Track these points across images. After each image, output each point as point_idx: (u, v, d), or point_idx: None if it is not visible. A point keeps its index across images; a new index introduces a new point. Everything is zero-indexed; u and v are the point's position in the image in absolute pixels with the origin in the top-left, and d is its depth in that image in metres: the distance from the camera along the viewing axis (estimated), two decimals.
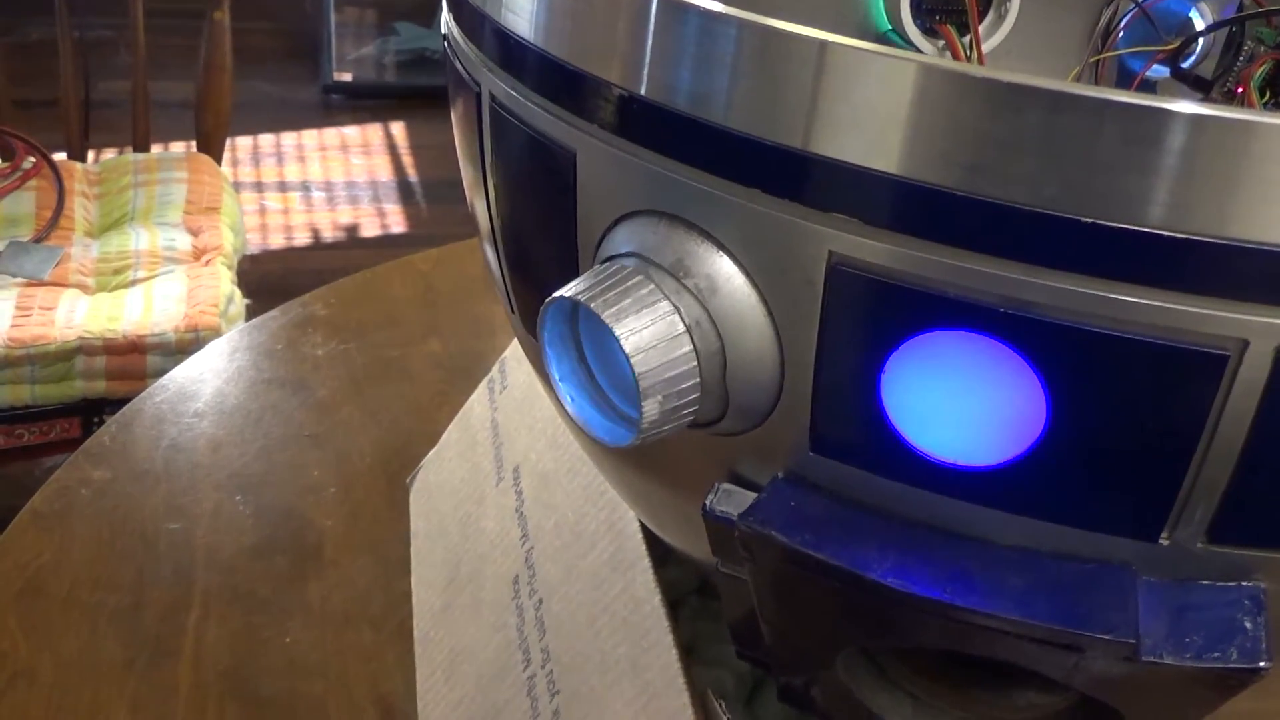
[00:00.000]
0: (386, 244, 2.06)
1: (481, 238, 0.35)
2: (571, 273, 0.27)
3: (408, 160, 2.34)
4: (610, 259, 0.26)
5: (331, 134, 2.42)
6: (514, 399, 0.49)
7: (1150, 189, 0.21)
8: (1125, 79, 0.49)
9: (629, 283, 0.25)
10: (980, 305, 0.22)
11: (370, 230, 2.12)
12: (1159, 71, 0.48)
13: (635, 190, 0.26)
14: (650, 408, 0.25)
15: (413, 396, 0.71)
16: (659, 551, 0.40)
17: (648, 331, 0.24)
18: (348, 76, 2.63)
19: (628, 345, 0.24)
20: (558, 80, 0.27)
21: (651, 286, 0.25)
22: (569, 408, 0.27)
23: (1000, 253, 0.22)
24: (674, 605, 0.41)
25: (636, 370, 0.24)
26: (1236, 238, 0.21)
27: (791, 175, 0.23)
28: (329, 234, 2.09)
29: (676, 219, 0.25)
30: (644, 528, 0.39)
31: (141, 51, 1.31)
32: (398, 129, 2.45)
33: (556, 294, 0.25)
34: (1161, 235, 0.21)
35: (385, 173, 2.29)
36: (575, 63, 0.27)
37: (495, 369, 0.52)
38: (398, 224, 2.14)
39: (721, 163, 0.24)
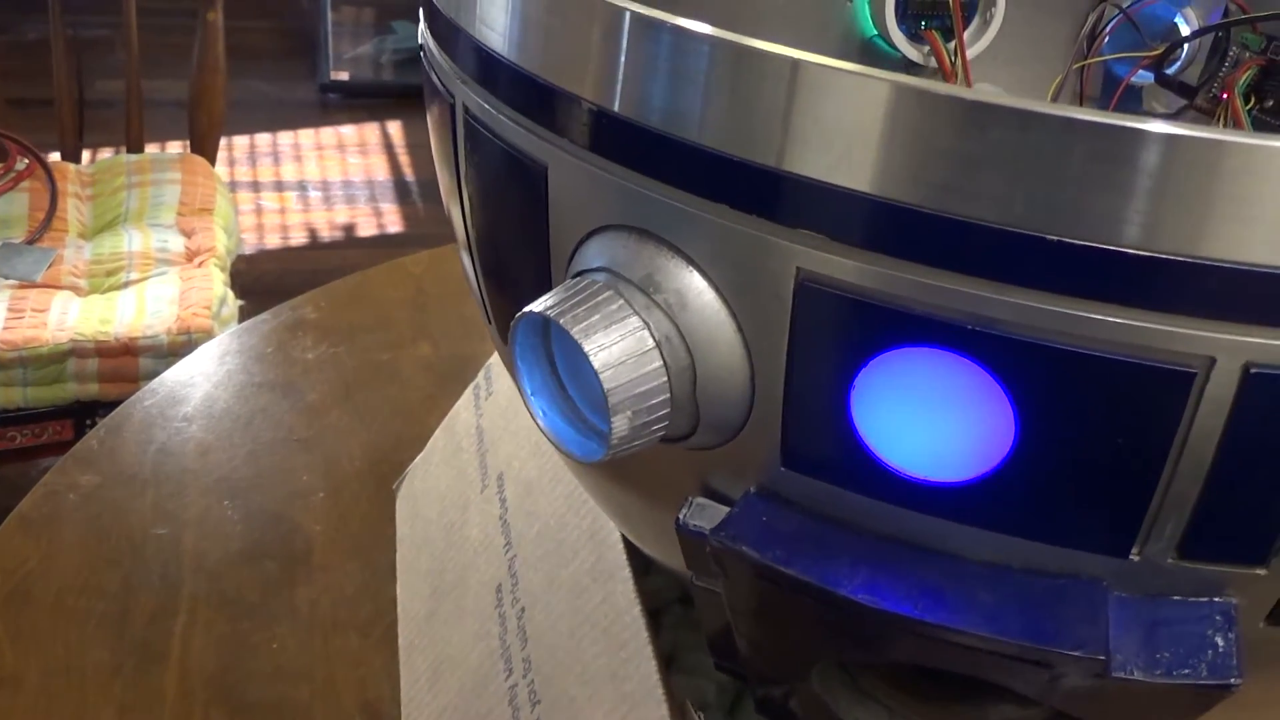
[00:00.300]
0: (383, 244, 2.06)
1: (459, 246, 0.35)
2: (545, 286, 0.27)
3: (404, 160, 2.34)
4: (581, 273, 0.26)
5: (328, 133, 2.42)
6: (499, 405, 0.49)
7: (1118, 207, 0.21)
8: (1110, 84, 0.49)
9: (599, 298, 0.25)
10: (949, 322, 0.22)
11: (367, 230, 2.12)
12: (1144, 77, 0.48)
13: (606, 205, 0.26)
14: (620, 423, 0.25)
15: (403, 400, 0.71)
16: (641, 560, 0.40)
17: (617, 347, 0.24)
18: (344, 75, 2.63)
19: (597, 361, 0.24)
20: (530, 95, 0.27)
21: (621, 302, 0.25)
22: (540, 422, 0.26)
23: (968, 270, 0.22)
24: (656, 615, 0.41)
25: (606, 386, 0.24)
26: (1204, 256, 0.21)
27: (761, 192, 0.23)
28: (325, 234, 2.09)
29: (647, 234, 0.25)
30: (625, 537, 0.39)
31: (135, 51, 1.31)
32: (394, 128, 2.45)
33: (527, 309, 0.25)
34: (1129, 253, 0.21)
35: (382, 172, 2.29)
36: (548, 77, 0.27)
37: (481, 375, 0.52)
38: (394, 223, 2.14)
39: (690, 179, 0.24)
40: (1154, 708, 0.25)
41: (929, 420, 0.24)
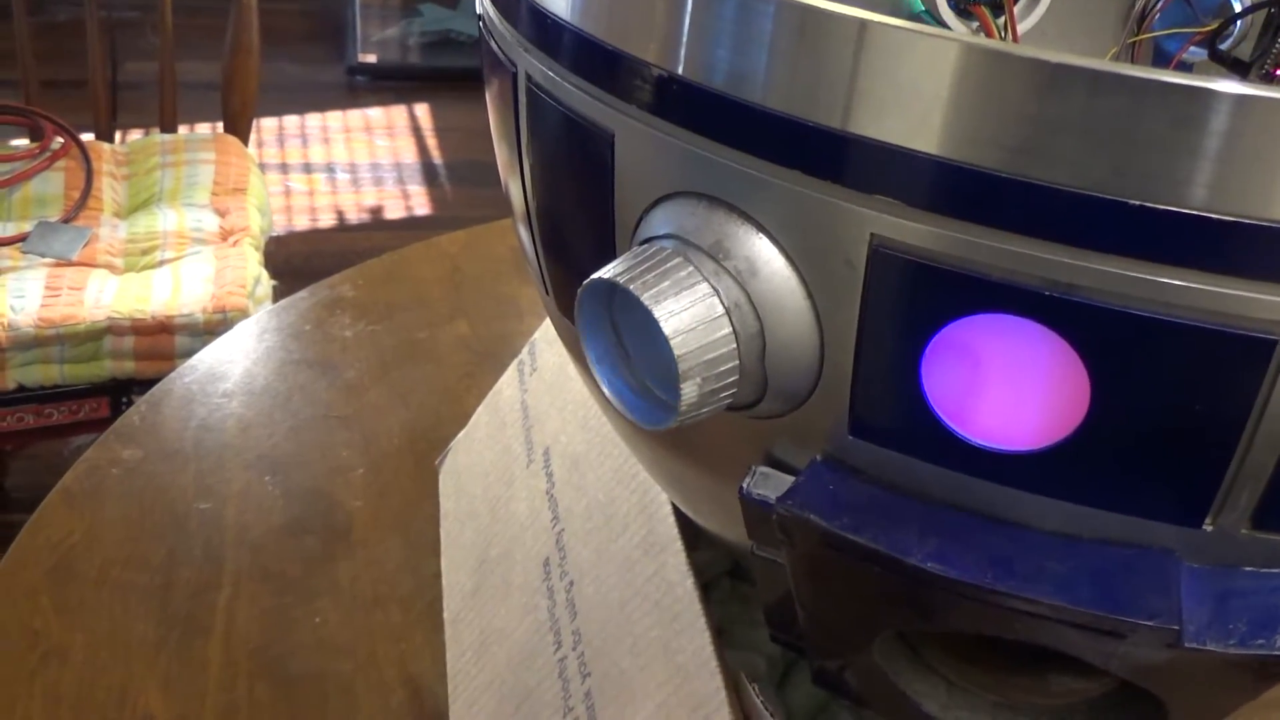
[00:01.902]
0: (411, 226, 2.06)
1: (516, 219, 0.35)
2: (609, 255, 0.27)
3: (432, 142, 2.34)
4: (648, 241, 0.26)
5: (356, 115, 2.43)
6: (544, 381, 0.49)
7: (1195, 170, 0.21)
8: (1161, 61, 0.49)
9: (668, 264, 0.25)
10: (1023, 288, 0.22)
11: (394, 212, 2.12)
12: (1196, 54, 0.48)
13: (673, 172, 0.26)
14: (689, 390, 0.25)
15: (440, 378, 0.71)
16: (689, 535, 0.40)
17: (687, 314, 0.24)
18: (372, 58, 2.63)
19: (667, 327, 0.24)
20: (595, 60, 0.27)
21: (690, 269, 0.25)
22: (605, 390, 0.26)
23: (1043, 235, 0.22)
24: (705, 588, 0.41)
25: (676, 352, 0.24)
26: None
27: (832, 156, 0.23)
28: (353, 216, 2.10)
29: (715, 200, 0.25)
30: (676, 510, 0.39)
31: (169, 32, 1.31)
32: (422, 110, 2.45)
33: (594, 276, 0.25)
34: (1207, 217, 0.21)
35: (409, 154, 2.29)
36: (612, 42, 0.26)
37: (525, 351, 0.52)
38: (422, 206, 2.14)
39: (760, 143, 0.24)
40: (1224, 679, 0.25)
41: (1001, 388, 0.24)
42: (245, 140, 1.37)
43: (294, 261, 1.80)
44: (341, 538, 0.60)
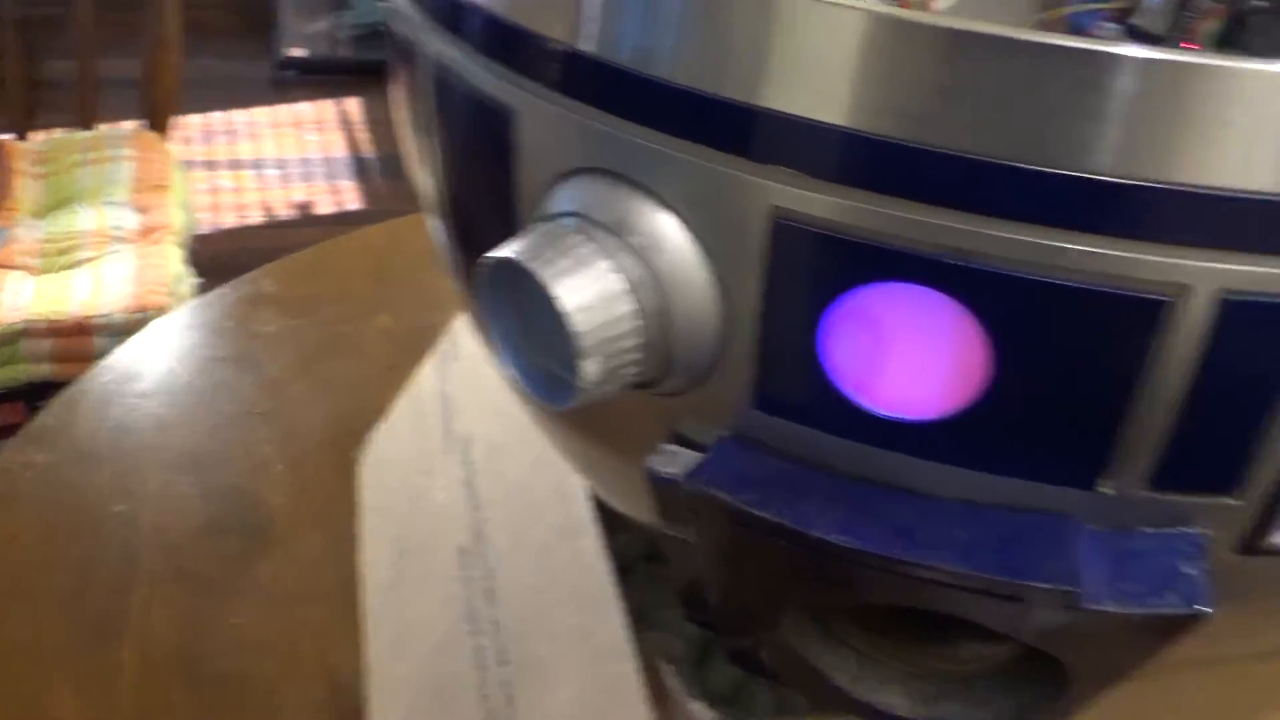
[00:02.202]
0: (342, 221, 2.04)
1: (426, 209, 0.34)
2: (514, 235, 0.27)
3: (363, 136, 2.32)
4: (551, 219, 0.26)
5: (284, 110, 2.40)
6: (465, 370, 0.49)
7: (1095, 135, 0.21)
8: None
9: (568, 241, 0.24)
10: (923, 257, 0.22)
11: (325, 207, 2.10)
12: (1110, 29, 0.48)
13: (575, 149, 0.26)
14: (590, 368, 0.24)
15: (363, 371, 0.70)
16: (608, 519, 0.40)
17: (587, 291, 0.24)
18: (300, 52, 2.59)
19: (567, 305, 0.24)
20: (499, 38, 0.27)
21: (592, 245, 0.24)
22: (508, 370, 0.26)
23: (944, 203, 0.22)
24: (623, 572, 0.41)
25: (576, 330, 0.24)
26: (1179, 182, 0.21)
27: (734, 129, 0.23)
28: (283, 212, 2.07)
29: (618, 176, 0.25)
30: (594, 495, 0.39)
31: (87, 27, 1.29)
32: (352, 105, 2.43)
33: (493, 253, 0.25)
34: (1105, 181, 0.21)
35: (340, 149, 2.27)
36: (517, 20, 0.26)
37: (446, 340, 0.52)
38: (353, 201, 2.12)
39: (663, 118, 0.24)
40: (1125, 639, 0.25)
41: (903, 357, 0.24)
42: (167, 136, 1.35)
43: (221, 259, 1.77)
44: (262, 535, 0.59)
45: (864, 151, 0.22)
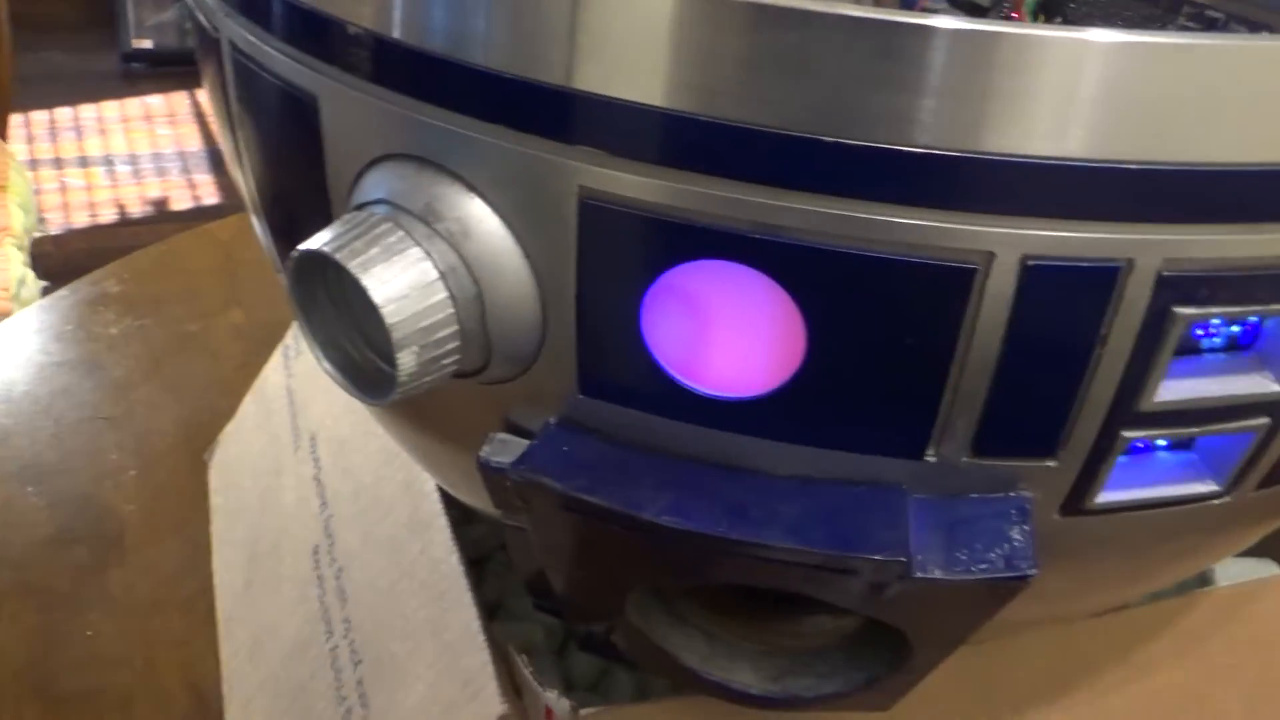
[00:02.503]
0: (199, 216, 1.98)
1: (248, 209, 0.33)
2: (326, 226, 0.26)
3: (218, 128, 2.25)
4: (360, 208, 0.25)
5: (134, 104, 2.32)
6: (308, 365, 0.48)
7: (893, 105, 0.21)
8: (903, 9, 0.50)
9: (376, 231, 0.24)
10: (732, 233, 0.22)
11: (181, 203, 2.04)
12: (938, 2, 0.49)
13: (381, 135, 0.25)
14: (406, 359, 0.24)
15: (215, 371, 0.68)
16: (462, 510, 0.39)
17: (398, 281, 0.23)
18: (148, 43, 2.51)
19: (378, 296, 0.23)
20: (299, 24, 0.26)
21: (401, 234, 0.24)
22: (324, 366, 0.25)
23: (748, 178, 0.21)
24: (479, 563, 0.41)
25: (389, 321, 0.23)
26: (979, 150, 0.21)
27: (539, 110, 0.23)
28: (137, 209, 2.01)
29: (425, 162, 0.24)
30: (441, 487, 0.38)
31: None
32: (205, 96, 2.36)
33: (301, 248, 0.24)
34: (906, 151, 0.21)
35: (194, 142, 2.21)
36: (316, 3, 0.25)
37: (289, 335, 0.51)
38: (210, 195, 2.06)
39: (466, 102, 0.23)
40: (958, 605, 0.25)
41: (721, 335, 0.23)
42: (3, 134, 1.29)
43: (75, 260, 1.71)
44: (113, 544, 0.57)
45: (670, 129, 0.22)
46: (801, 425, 0.24)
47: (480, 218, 0.24)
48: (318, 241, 0.24)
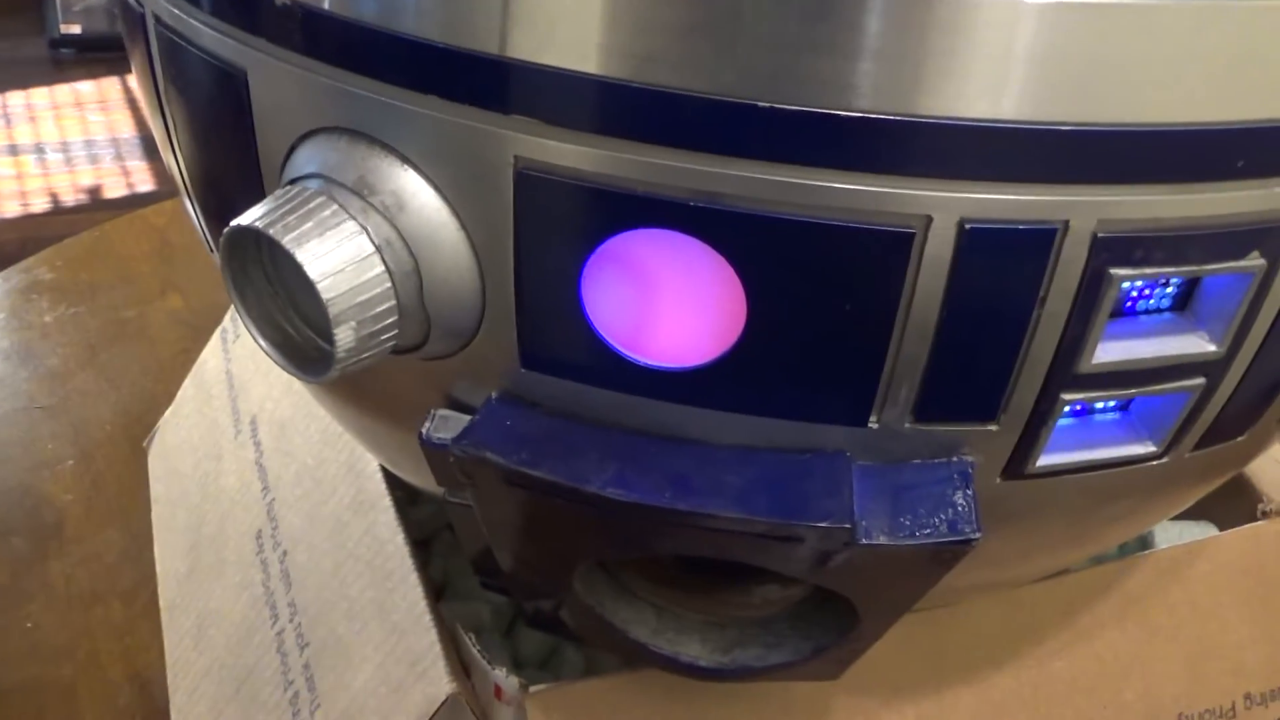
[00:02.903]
0: (134, 203, 1.95)
1: (180, 192, 0.32)
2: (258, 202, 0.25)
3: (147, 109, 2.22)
4: (292, 183, 0.24)
5: (64, 90, 2.27)
6: (247, 347, 0.47)
7: (828, 68, 0.20)
8: None
9: (310, 205, 0.23)
10: (668, 200, 0.22)
11: (115, 190, 2.00)
12: None
13: (312, 108, 0.24)
14: (344, 335, 0.23)
15: (153, 357, 0.67)
16: (408, 490, 0.39)
17: (334, 255, 0.23)
18: (76, 28, 2.46)
19: (313, 271, 0.23)
20: None
21: (335, 207, 0.23)
22: (262, 345, 0.25)
23: (683, 145, 0.21)
24: (425, 543, 0.40)
25: (325, 296, 0.23)
26: (915, 114, 0.21)
27: (471, 80, 0.22)
28: (69, 197, 1.97)
29: (357, 135, 0.24)
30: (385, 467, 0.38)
31: None
32: (135, 78, 2.32)
33: (233, 224, 0.23)
34: (842, 116, 0.21)
35: (126, 128, 2.17)
36: None
37: (227, 318, 0.50)
38: (144, 182, 2.03)
39: (397, 72, 0.23)
40: (903, 571, 0.25)
41: (661, 305, 0.23)
42: None
43: (7, 250, 1.68)
44: (52, 535, 0.56)
45: (605, 97, 0.21)
46: (744, 394, 0.24)
47: (415, 191, 0.24)
48: (250, 217, 0.23)
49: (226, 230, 0.24)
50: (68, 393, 0.64)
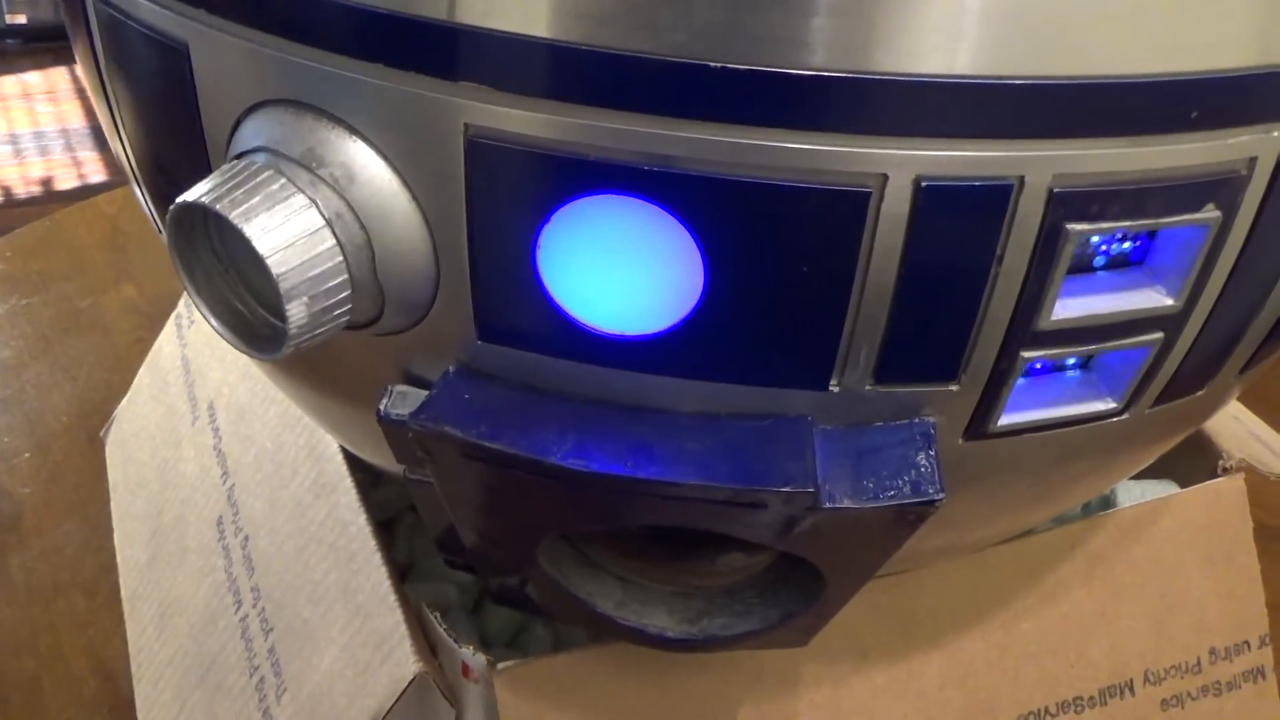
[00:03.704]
0: (87, 194, 1.92)
1: (129, 179, 0.32)
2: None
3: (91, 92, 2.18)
4: (239, 158, 0.24)
5: (11, 82, 2.24)
6: (203, 333, 0.46)
7: (781, 26, 0.20)
8: None
9: (258, 179, 0.23)
10: (622, 165, 0.21)
11: (66, 182, 1.98)
12: None
13: (256, 80, 0.24)
14: (296, 310, 0.23)
15: (109, 347, 0.66)
16: (371, 472, 0.39)
17: (283, 229, 0.23)
18: (22, 18, 2.42)
19: (262, 246, 0.22)
20: None
21: (283, 181, 0.23)
22: (213, 324, 0.24)
23: (635, 108, 0.21)
24: (389, 524, 0.40)
25: (275, 271, 0.22)
26: (869, 71, 0.20)
27: (414, 46, 0.22)
28: (20, 190, 1.94)
29: (303, 106, 0.23)
30: (345, 448, 0.38)
31: None
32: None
33: (179, 200, 0.23)
34: (795, 74, 0.20)
35: (76, 119, 2.14)
36: None
37: (181, 304, 0.49)
38: (96, 173, 2.00)
39: (342, 41, 0.22)
40: (868, 534, 0.25)
41: (618, 272, 0.23)
42: None
43: None
44: (11, 528, 0.55)
45: (555, 61, 0.21)
46: (703, 361, 0.24)
47: (364, 162, 0.23)
48: (196, 193, 0.23)
49: (172, 207, 0.23)
50: (22, 384, 0.63)
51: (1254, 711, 0.41)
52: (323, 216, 0.23)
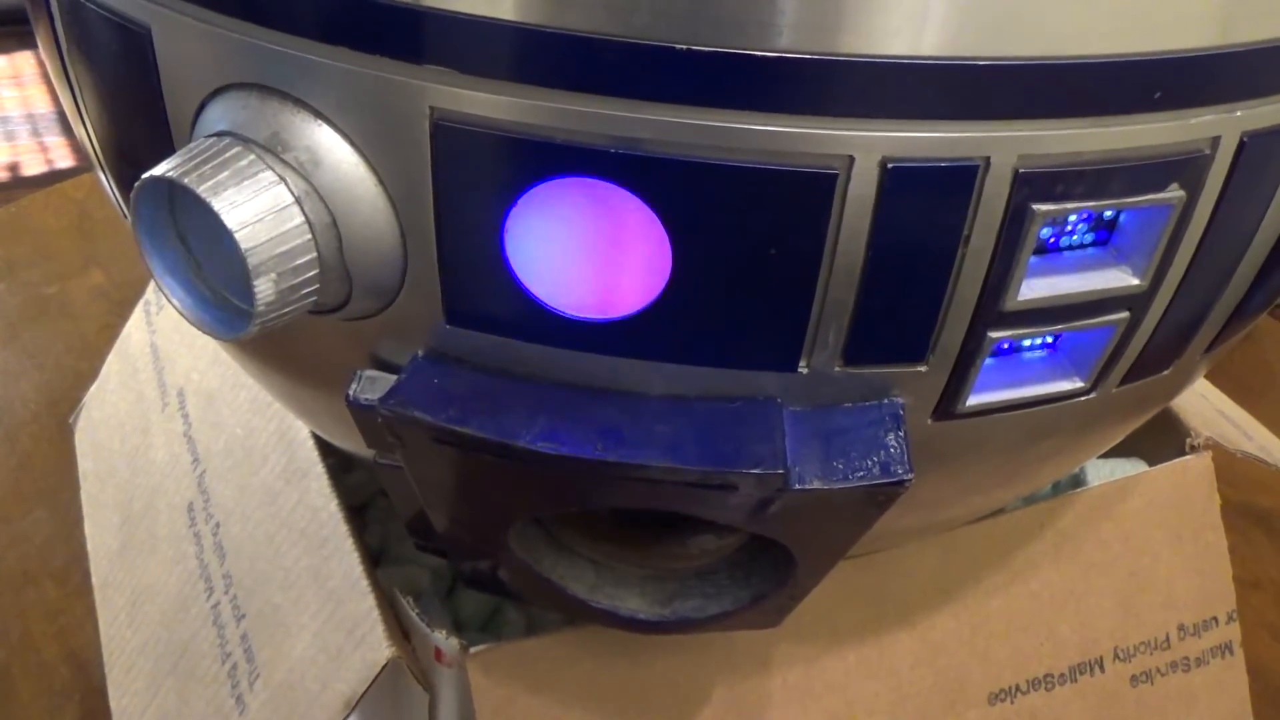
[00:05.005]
0: (54, 180, 1.90)
1: (93, 165, 0.32)
2: None
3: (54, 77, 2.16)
4: (204, 140, 0.24)
5: None
6: (171, 319, 0.46)
7: (747, 7, 0.20)
8: None
9: (226, 155, 0.23)
10: (588, 148, 0.21)
11: (33, 167, 1.96)
12: None
13: (219, 64, 0.24)
14: (264, 287, 0.23)
15: (76, 334, 0.66)
16: (342, 457, 0.39)
17: (251, 204, 0.22)
18: None
19: (231, 220, 0.22)
20: None
21: (252, 157, 0.23)
22: (176, 303, 0.24)
23: (601, 90, 0.21)
24: (360, 510, 0.40)
25: (244, 246, 0.22)
26: (835, 52, 0.20)
27: (379, 28, 0.22)
28: None
29: (268, 90, 0.23)
30: (316, 434, 0.38)
31: None
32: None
33: (145, 175, 0.23)
34: (761, 56, 0.20)
35: (42, 104, 2.12)
36: None
37: (150, 290, 0.49)
38: (63, 158, 1.98)
39: (305, 23, 0.22)
40: (838, 515, 0.25)
41: (585, 255, 0.23)
42: None
43: None
44: None
45: (520, 43, 0.21)
46: (672, 343, 0.24)
47: (330, 146, 0.23)
48: (162, 168, 0.23)
49: (138, 183, 0.23)
50: None
51: (1222, 686, 0.42)
52: (291, 194, 0.23)
